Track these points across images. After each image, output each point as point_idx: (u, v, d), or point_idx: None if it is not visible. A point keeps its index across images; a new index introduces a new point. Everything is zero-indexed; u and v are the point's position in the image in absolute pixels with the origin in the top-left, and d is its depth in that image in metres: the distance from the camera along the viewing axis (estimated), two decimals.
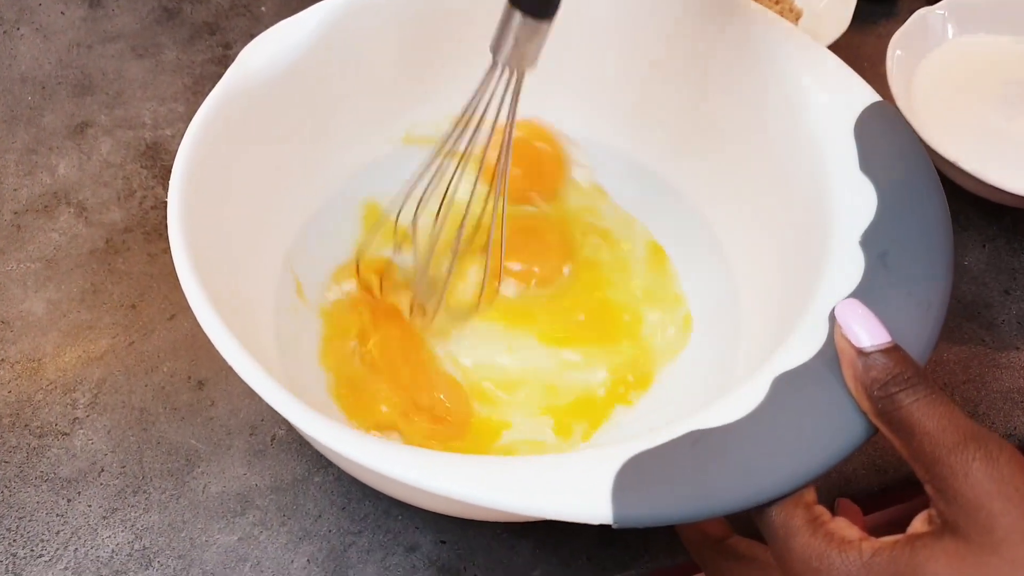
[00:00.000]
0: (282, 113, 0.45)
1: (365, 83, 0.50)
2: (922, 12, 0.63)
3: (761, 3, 0.63)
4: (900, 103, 0.57)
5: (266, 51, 0.44)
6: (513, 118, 0.43)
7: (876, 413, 0.30)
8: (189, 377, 0.50)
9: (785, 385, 0.32)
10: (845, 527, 0.30)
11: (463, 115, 0.43)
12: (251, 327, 0.42)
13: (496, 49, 0.40)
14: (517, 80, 0.41)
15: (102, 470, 0.46)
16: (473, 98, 0.42)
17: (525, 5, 0.38)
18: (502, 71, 0.41)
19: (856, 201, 0.38)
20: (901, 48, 0.61)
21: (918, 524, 0.30)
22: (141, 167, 0.59)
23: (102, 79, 0.64)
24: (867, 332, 0.31)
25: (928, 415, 0.28)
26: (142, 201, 0.57)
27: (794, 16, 0.68)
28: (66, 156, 0.59)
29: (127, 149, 0.60)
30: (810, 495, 0.31)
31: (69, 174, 0.58)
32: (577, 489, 0.30)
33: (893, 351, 0.30)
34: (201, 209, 0.39)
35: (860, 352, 0.31)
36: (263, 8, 0.70)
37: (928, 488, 0.29)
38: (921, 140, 0.54)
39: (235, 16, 0.69)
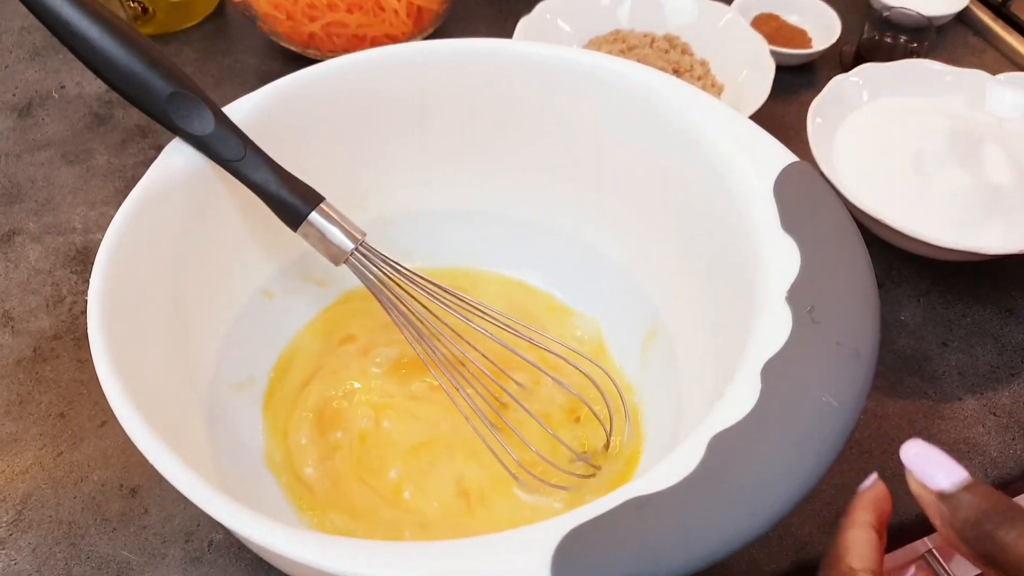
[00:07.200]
0: (211, 206, 0.45)
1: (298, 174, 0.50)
2: (838, 80, 0.65)
3: (683, 78, 0.65)
4: (823, 167, 0.58)
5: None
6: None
7: (976, 556, 0.28)
8: (121, 485, 0.48)
9: (721, 445, 0.31)
10: None
11: None
12: (182, 428, 0.41)
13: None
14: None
15: None
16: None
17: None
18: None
19: (780, 259, 0.38)
20: (820, 115, 0.63)
21: None
22: (71, 272, 0.58)
23: (31, 187, 0.63)
24: (942, 472, 0.29)
25: None
26: (72, 307, 0.56)
27: (716, 91, 0.69)
28: None
29: (56, 255, 0.59)
30: None
31: None
32: (514, 568, 0.28)
33: (975, 486, 0.28)
34: (124, 309, 0.38)
35: (941, 495, 0.29)
36: None
37: None
38: (841, 196, 0.55)
39: None
